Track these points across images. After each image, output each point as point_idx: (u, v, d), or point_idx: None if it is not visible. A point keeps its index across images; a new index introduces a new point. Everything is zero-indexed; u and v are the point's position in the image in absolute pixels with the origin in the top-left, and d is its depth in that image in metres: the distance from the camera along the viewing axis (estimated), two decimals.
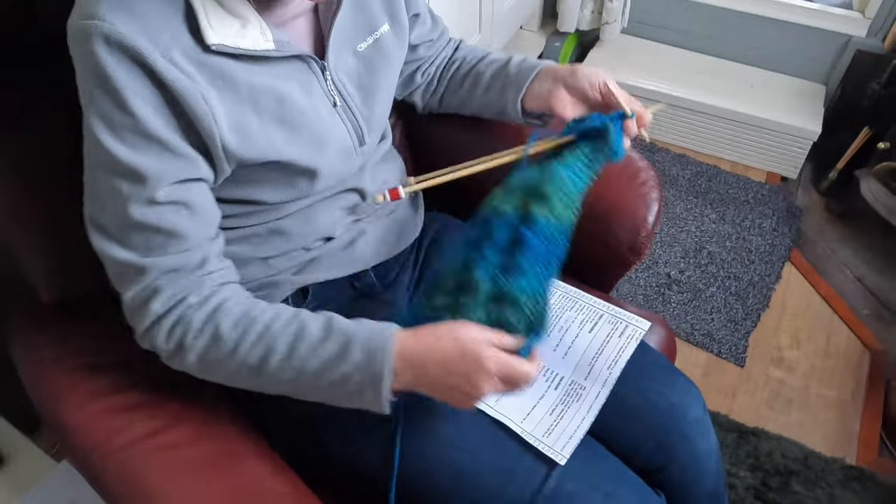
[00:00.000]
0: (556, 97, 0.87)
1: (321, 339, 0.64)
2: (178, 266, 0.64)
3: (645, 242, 0.98)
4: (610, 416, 0.78)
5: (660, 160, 2.05)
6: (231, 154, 0.65)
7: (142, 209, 0.61)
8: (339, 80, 0.75)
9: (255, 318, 0.65)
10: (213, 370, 0.66)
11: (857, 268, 1.76)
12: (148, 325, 0.65)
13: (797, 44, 2.00)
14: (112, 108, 0.58)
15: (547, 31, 2.22)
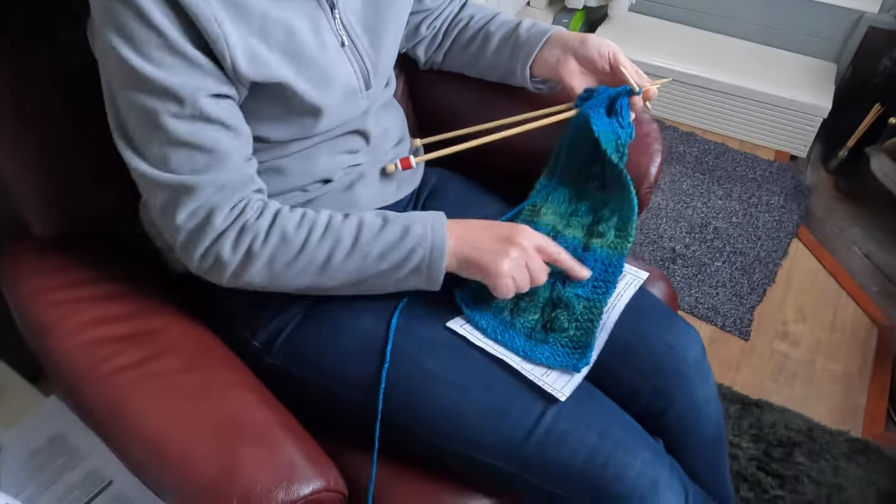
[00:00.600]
0: (565, 66, 0.87)
1: (381, 227, 0.70)
2: (225, 182, 0.65)
3: (647, 194, 0.96)
4: (609, 359, 0.77)
5: (667, 138, 2.03)
6: (242, 77, 0.65)
7: (180, 126, 0.62)
8: (347, 20, 0.75)
9: (315, 219, 0.69)
10: (280, 272, 0.68)
11: (865, 245, 1.74)
12: (211, 242, 0.66)
13: (809, 21, 1.98)
14: (134, 22, 0.58)
15: (555, 8, 2.20)
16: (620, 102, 0.82)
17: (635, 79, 0.82)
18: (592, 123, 0.81)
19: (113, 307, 0.75)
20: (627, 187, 0.82)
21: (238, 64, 0.64)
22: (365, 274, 0.70)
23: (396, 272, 0.70)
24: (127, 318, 0.74)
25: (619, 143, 0.83)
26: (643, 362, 0.79)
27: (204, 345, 0.75)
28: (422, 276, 0.70)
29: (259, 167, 0.77)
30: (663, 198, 1.83)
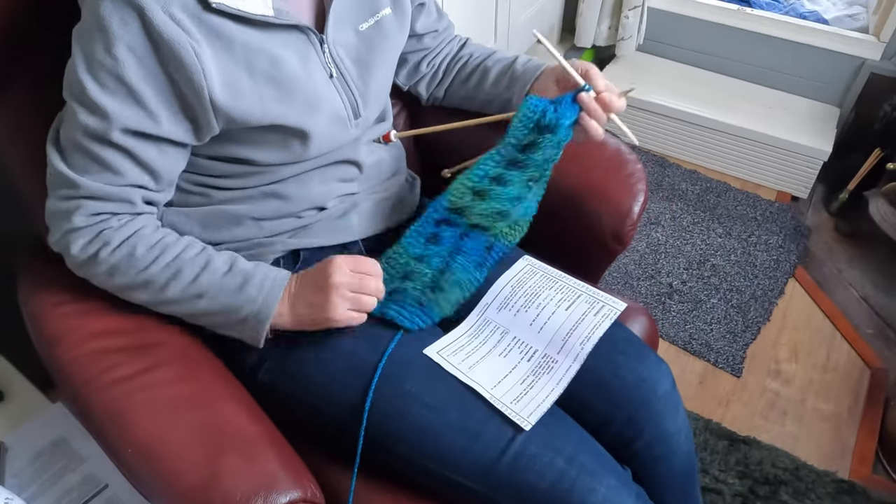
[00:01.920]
0: (550, 91, 0.92)
1: (224, 273, 0.74)
2: (105, 195, 0.71)
3: (629, 232, 1.00)
4: (581, 389, 0.80)
5: (670, 175, 2.07)
6: (220, 109, 0.70)
7: (90, 139, 0.68)
8: (337, 54, 0.80)
9: (168, 245, 0.74)
10: (116, 282, 0.74)
11: (862, 287, 1.76)
12: (65, 232, 0.72)
13: (812, 66, 2.02)
14: (98, 48, 0.64)
15: (564, 46, 2.27)
16: (567, 96, 0.84)
17: (599, 84, 0.84)
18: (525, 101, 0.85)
19: (117, 321, 0.80)
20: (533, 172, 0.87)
21: (215, 95, 0.69)
22: (196, 310, 0.75)
23: (223, 318, 0.75)
24: (129, 332, 0.79)
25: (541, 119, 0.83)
26: (614, 393, 0.83)
27: (198, 359, 0.80)
28: (244, 332, 0.76)
29: (254, 192, 0.83)
30: (663, 234, 1.87)
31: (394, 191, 0.98)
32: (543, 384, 0.79)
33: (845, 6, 2.12)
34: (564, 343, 0.83)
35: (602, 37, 2.14)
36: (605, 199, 0.99)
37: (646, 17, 2.09)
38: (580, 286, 0.92)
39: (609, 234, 1.00)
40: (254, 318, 0.74)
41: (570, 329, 0.84)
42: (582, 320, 0.85)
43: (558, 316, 0.87)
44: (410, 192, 1.03)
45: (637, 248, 1.83)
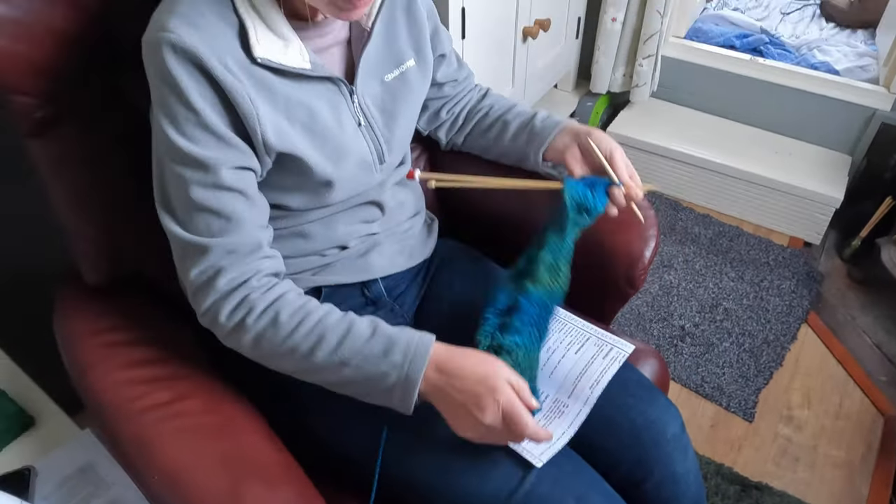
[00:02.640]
0: (571, 153, 0.97)
1: (367, 338, 0.73)
2: (236, 248, 0.73)
3: (641, 276, 1.03)
4: (591, 430, 0.82)
5: (683, 218, 2.10)
6: (270, 147, 0.74)
7: (203, 193, 0.71)
8: (365, 104, 0.85)
9: (310, 311, 0.74)
10: (264, 350, 0.74)
11: (875, 334, 1.76)
12: (212, 303, 0.73)
13: (823, 114, 2.05)
14: (177, 104, 0.69)
15: (580, 92, 2.33)
16: (601, 183, 0.90)
17: (623, 176, 0.90)
18: (565, 184, 0.89)
19: (146, 352, 0.84)
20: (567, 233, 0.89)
21: (267, 136, 0.74)
22: (345, 378, 0.73)
23: (369, 388, 0.73)
24: (157, 363, 0.83)
25: (582, 201, 0.89)
26: (624, 434, 0.85)
27: (222, 391, 0.83)
28: (393, 400, 0.73)
29: (284, 232, 0.87)
30: (676, 277, 1.89)
31: (413, 231, 1.02)
32: (555, 428, 0.81)
33: (856, 57, 2.17)
34: (575, 387, 0.85)
35: (617, 83, 2.20)
36: (617, 244, 1.02)
37: (659, 65, 2.15)
38: (589, 328, 0.94)
39: (621, 278, 1.03)
40: (401, 387, 0.71)
41: (580, 373, 0.86)
42: (591, 364, 0.88)
43: (568, 360, 0.89)
44: (429, 232, 1.07)
45: (650, 290, 1.85)
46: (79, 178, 0.87)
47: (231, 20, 0.71)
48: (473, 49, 1.58)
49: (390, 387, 0.72)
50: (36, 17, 0.76)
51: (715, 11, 2.46)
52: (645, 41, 2.04)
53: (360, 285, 0.95)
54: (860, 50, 2.23)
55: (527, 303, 0.86)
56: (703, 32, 2.31)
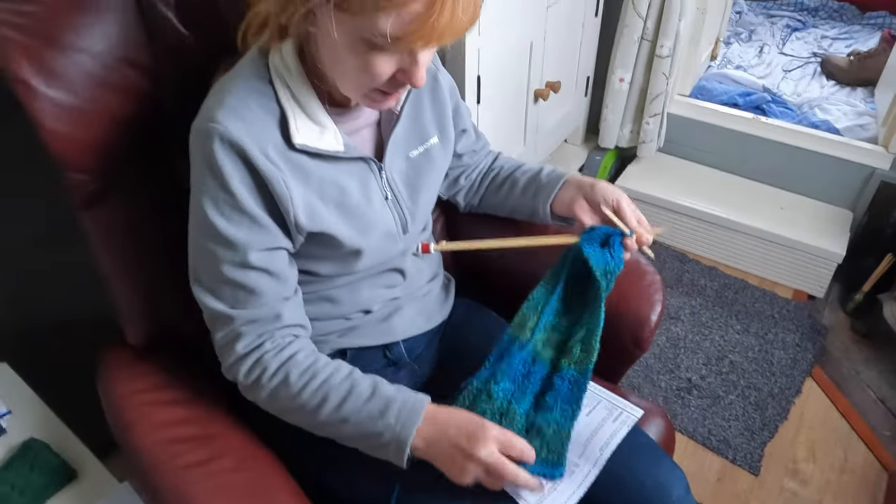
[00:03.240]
0: (578, 204, 1.02)
1: (367, 399, 0.81)
2: (256, 318, 0.81)
3: (648, 338, 1.08)
4: (600, 490, 0.87)
5: (689, 270, 2.15)
6: (301, 228, 0.82)
7: (232, 270, 0.79)
8: (392, 179, 0.92)
9: (317, 371, 0.82)
10: (277, 406, 0.83)
11: (879, 389, 1.79)
12: (232, 362, 0.82)
13: (824, 172, 2.12)
14: (218, 189, 0.77)
15: (589, 146, 2.41)
16: (613, 239, 0.96)
17: (632, 224, 0.96)
18: (584, 250, 0.95)
19: (184, 411, 0.90)
20: (600, 308, 0.93)
21: (299, 218, 0.81)
22: (345, 432, 0.81)
23: (369, 442, 0.81)
24: (195, 422, 0.89)
25: (607, 269, 0.94)
26: (631, 495, 0.88)
27: (254, 450, 0.89)
28: (389, 454, 0.80)
29: (312, 296, 0.93)
30: (683, 328, 1.94)
31: (433, 293, 1.08)
32: (564, 487, 0.85)
33: (855, 116, 2.25)
34: (585, 448, 0.90)
35: (624, 139, 2.28)
36: (625, 308, 1.08)
37: (665, 122, 2.23)
38: (600, 391, 0.99)
39: (629, 340, 1.09)
40: (395, 444, 0.79)
41: (591, 435, 0.91)
42: (602, 426, 0.93)
43: (579, 421, 0.94)
44: (447, 293, 1.13)
45: (657, 341, 1.89)
46: (124, 247, 0.94)
47: (273, 110, 0.79)
48: (488, 112, 1.66)
49: (385, 444, 0.79)
50: (97, 105, 0.84)
51: (719, 70, 2.55)
52: (651, 101, 2.12)
53: (383, 347, 1.01)
54: (859, 109, 2.31)
55: (559, 380, 0.93)
56: (708, 90, 2.39)
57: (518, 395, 0.93)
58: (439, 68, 0.99)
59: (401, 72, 0.73)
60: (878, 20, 2.97)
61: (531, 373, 0.96)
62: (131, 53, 0.87)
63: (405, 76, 0.73)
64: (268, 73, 0.79)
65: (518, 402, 0.92)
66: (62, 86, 0.81)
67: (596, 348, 0.93)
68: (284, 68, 0.79)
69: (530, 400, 0.93)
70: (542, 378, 0.95)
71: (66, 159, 0.84)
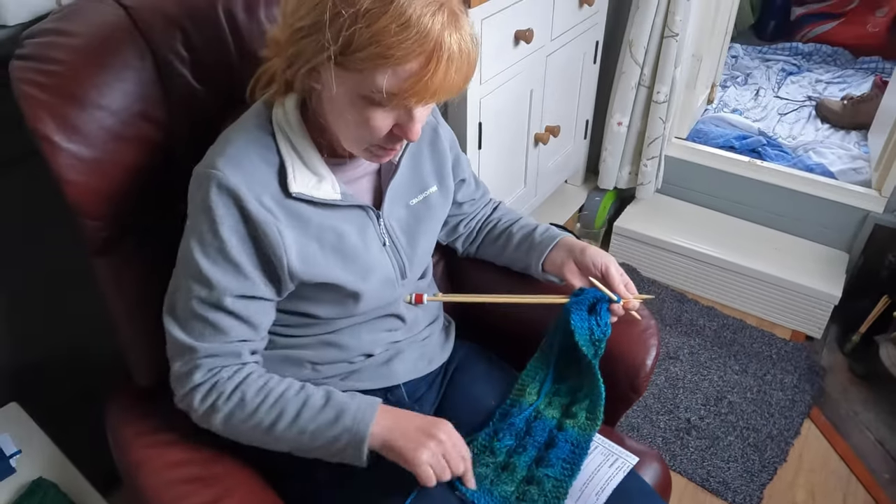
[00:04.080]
0: (568, 267, 1.07)
1: (321, 407, 0.85)
2: (217, 352, 0.85)
3: (644, 383, 1.11)
4: None
5: (688, 311, 2.18)
6: (294, 275, 0.85)
7: (204, 308, 0.83)
8: (390, 226, 0.95)
9: (272, 389, 0.86)
10: (231, 427, 0.85)
11: (878, 430, 1.80)
12: (188, 391, 0.85)
13: (820, 214, 2.16)
14: (208, 232, 0.81)
15: (588, 186, 2.46)
16: (600, 305, 1.00)
17: (620, 290, 1.01)
18: (570, 318, 0.99)
19: (189, 452, 0.93)
20: (596, 377, 0.98)
21: (293, 265, 0.84)
22: (301, 445, 0.85)
23: (327, 449, 0.85)
24: (199, 463, 0.92)
25: (592, 337, 0.99)
26: None
27: (256, 490, 0.92)
28: (346, 457, 0.85)
29: (314, 339, 0.96)
30: (681, 368, 1.95)
31: (433, 337, 1.11)
32: None
33: (849, 160, 2.29)
34: (581, 493, 0.92)
35: (623, 180, 2.33)
36: (620, 353, 1.10)
37: (663, 165, 2.28)
38: (597, 438, 1.01)
39: (625, 385, 1.11)
40: (353, 443, 0.83)
41: (587, 480, 0.93)
42: (598, 471, 0.95)
43: None
44: (447, 336, 1.16)
45: (656, 381, 1.91)
46: (133, 292, 0.97)
47: (273, 161, 0.83)
48: (489, 157, 1.71)
49: (343, 447, 0.84)
50: (111, 156, 0.88)
51: (715, 113, 2.61)
52: (649, 144, 2.17)
53: (384, 390, 1.03)
54: (853, 153, 2.36)
55: (563, 440, 0.97)
56: (705, 133, 2.45)
57: (520, 449, 0.97)
58: (440, 121, 1.04)
59: (398, 127, 0.78)
60: (870, 65, 3.04)
61: (533, 428, 0.99)
62: (148, 108, 0.91)
63: (402, 131, 0.78)
64: (270, 126, 0.84)
65: (519, 456, 0.95)
66: (82, 140, 0.84)
67: (601, 418, 0.98)
68: (286, 121, 0.83)
69: (532, 454, 0.96)
70: (547, 432, 0.99)
71: (82, 208, 0.88)
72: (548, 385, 1.03)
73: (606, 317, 1.00)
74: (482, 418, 1.02)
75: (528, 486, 0.92)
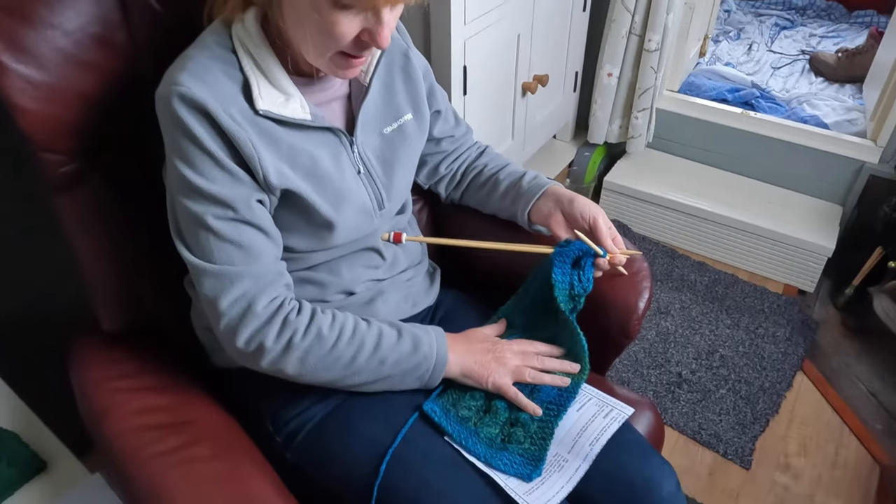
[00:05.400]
0: (554, 217, 1.02)
1: (397, 339, 0.86)
2: (261, 274, 0.80)
3: (636, 326, 1.06)
4: (590, 486, 0.85)
5: (679, 266, 2.14)
6: (272, 186, 0.80)
7: (223, 226, 0.77)
8: (365, 154, 0.90)
9: (344, 322, 0.84)
10: (312, 365, 0.82)
11: (870, 382, 1.78)
12: (255, 329, 0.79)
13: (814, 166, 2.12)
14: (192, 150, 0.75)
15: (578, 142, 2.40)
16: (585, 259, 0.96)
17: (607, 244, 0.97)
18: (553, 270, 0.95)
19: (159, 398, 0.88)
20: (575, 331, 0.94)
21: (269, 177, 0.79)
22: (380, 375, 0.85)
23: (404, 377, 0.86)
24: (168, 409, 0.87)
25: (572, 292, 0.96)
26: (622, 491, 0.86)
27: (232, 437, 0.87)
28: (423, 383, 0.88)
29: (293, 277, 0.91)
30: (672, 323, 1.92)
31: (416, 279, 1.06)
32: (554, 481, 0.84)
33: (844, 111, 2.25)
34: (575, 443, 0.88)
35: (613, 135, 2.27)
36: (612, 296, 1.06)
37: (654, 117, 2.22)
38: (589, 389, 0.97)
39: (616, 329, 1.06)
40: (434, 372, 0.87)
41: (581, 430, 0.89)
42: (592, 422, 0.90)
43: (569, 417, 0.92)
44: (432, 281, 1.11)
45: (647, 336, 1.88)
46: (101, 232, 0.91)
47: (236, 77, 0.78)
48: (475, 105, 1.65)
49: (422, 375, 0.86)
50: (68, 82, 0.82)
51: (708, 66, 2.55)
52: (640, 95, 2.11)
53: None
54: (848, 104, 2.31)
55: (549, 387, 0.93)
56: (697, 86, 2.39)
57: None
58: (410, 46, 0.99)
59: (365, 32, 0.73)
60: (865, 18, 2.99)
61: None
62: (106, 32, 0.84)
63: (370, 37, 0.73)
64: (231, 43, 0.79)
65: (500, 399, 0.91)
66: (33, 62, 0.79)
67: (587, 367, 0.94)
68: (247, 36, 0.78)
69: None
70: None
71: (37, 138, 0.82)
72: (519, 332, 0.99)
73: (590, 272, 0.96)
74: None
75: (513, 427, 0.88)
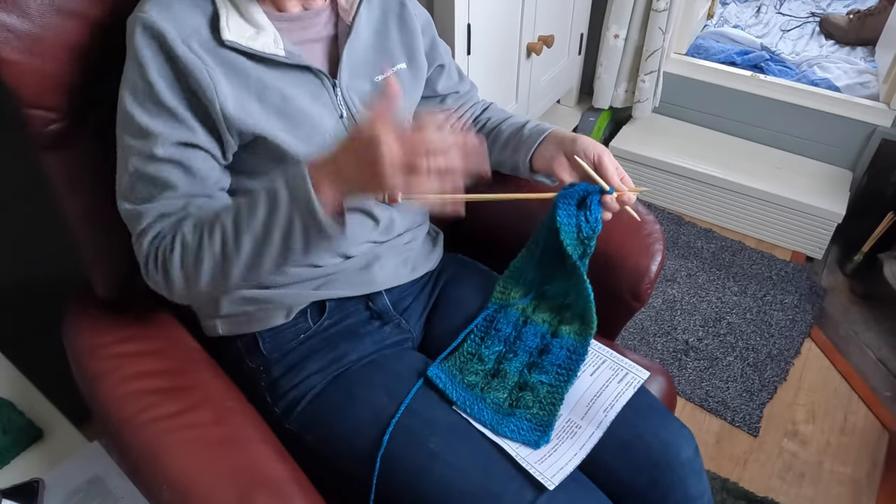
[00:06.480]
0: (558, 161, 0.96)
1: (253, 204, 0.71)
2: (166, 211, 0.76)
3: (647, 289, 1.03)
4: (603, 453, 0.82)
5: (686, 233, 2.11)
6: (231, 121, 0.76)
7: (142, 162, 0.75)
8: (350, 98, 0.86)
9: (203, 218, 0.75)
10: (193, 276, 0.75)
11: (879, 349, 1.76)
12: (143, 262, 0.77)
13: (824, 130, 2.07)
14: (137, 78, 0.74)
15: (583, 107, 2.35)
16: (591, 198, 0.88)
17: (614, 181, 0.89)
18: (557, 213, 0.89)
19: (156, 363, 0.85)
20: (582, 279, 0.89)
21: (227, 109, 0.75)
22: (266, 249, 0.72)
23: (289, 240, 0.71)
24: (167, 374, 0.84)
25: (580, 234, 0.89)
26: (637, 457, 0.83)
27: (231, 402, 0.84)
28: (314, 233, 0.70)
29: None
30: (679, 291, 1.89)
31: (416, 243, 1.02)
32: (566, 448, 0.81)
33: (856, 74, 2.19)
34: (588, 409, 0.85)
35: (619, 99, 2.22)
36: (623, 259, 1.03)
37: (661, 81, 2.16)
38: (604, 351, 0.94)
39: (627, 292, 1.03)
40: (306, 214, 0.69)
41: (595, 395, 0.86)
42: (606, 387, 0.87)
43: (583, 382, 0.89)
44: (433, 245, 1.07)
45: (653, 304, 1.85)
46: (91, 192, 0.87)
47: (206, 9, 0.76)
48: (478, 65, 1.60)
49: (301, 220, 0.69)
50: (52, 33, 0.77)
51: (716, 28, 2.48)
52: (647, 58, 2.05)
53: (365, 298, 0.95)
54: (860, 67, 2.25)
55: (558, 346, 0.90)
56: (705, 49, 2.33)
57: (510, 355, 0.90)
58: None
59: None
60: None
61: (523, 334, 0.93)
62: None
63: None
64: None
65: (509, 362, 0.89)
66: (14, 9, 0.74)
67: (594, 322, 0.91)
68: None
69: (523, 359, 0.90)
70: (540, 337, 0.92)
71: (23, 91, 0.77)
72: (532, 287, 0.95)
73: (597, 211, 0.88)
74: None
75: (522, 392, 0.85)
